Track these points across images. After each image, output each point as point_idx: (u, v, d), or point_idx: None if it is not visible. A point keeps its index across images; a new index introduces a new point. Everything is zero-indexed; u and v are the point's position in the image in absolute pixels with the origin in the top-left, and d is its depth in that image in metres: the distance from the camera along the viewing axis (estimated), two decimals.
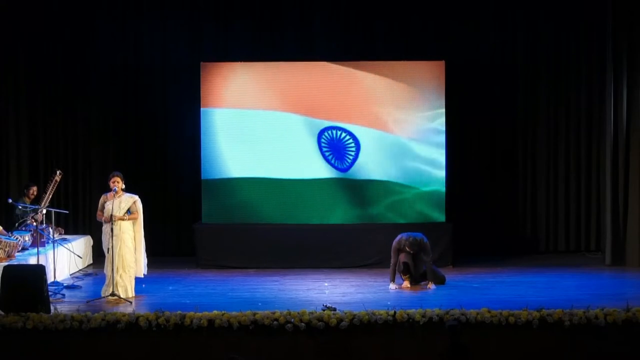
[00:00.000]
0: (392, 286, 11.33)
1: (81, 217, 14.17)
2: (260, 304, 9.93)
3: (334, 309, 9.39)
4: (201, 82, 13.22)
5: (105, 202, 10.78)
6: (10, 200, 12.53)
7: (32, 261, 11.09)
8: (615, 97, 12.99)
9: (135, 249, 10.85)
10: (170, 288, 11.53)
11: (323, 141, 13.22)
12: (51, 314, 9.37)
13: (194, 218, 13.64)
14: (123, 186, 10.81)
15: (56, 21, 13.93)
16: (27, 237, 11.95)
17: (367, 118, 13.20)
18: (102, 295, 10.69)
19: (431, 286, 11.31)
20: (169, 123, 14.04)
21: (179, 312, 9.14)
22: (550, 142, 14.17)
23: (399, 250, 11.38)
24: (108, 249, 10.66)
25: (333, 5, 13.92)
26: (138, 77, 14.08)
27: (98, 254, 12.56)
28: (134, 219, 10.80)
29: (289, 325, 9.00)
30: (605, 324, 9.01)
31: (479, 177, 14.14)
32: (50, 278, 10.96)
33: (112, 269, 10.60)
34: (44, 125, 14.10)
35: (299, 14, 13.95)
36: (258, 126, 13.23)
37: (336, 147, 13.24)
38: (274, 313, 9.13)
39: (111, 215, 10.60)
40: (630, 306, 9.20)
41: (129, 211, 10.76)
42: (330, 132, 13.22)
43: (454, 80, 13.43)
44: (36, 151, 14.11)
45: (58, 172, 12.07)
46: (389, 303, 10.15)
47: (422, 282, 11.46)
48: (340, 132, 13.22)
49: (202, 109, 13.24)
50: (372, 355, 9.06)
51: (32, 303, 9.44)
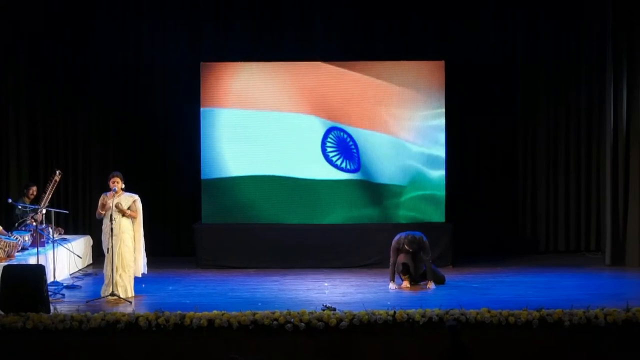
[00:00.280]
0: (392, 286, 11.33)
1: (81, 217, 14.17)
2: (260, 304, 9.93)
3: (334, 309, 9.39)
4: (201, 82, 13.22)
5: (105, 202, 10.78)
6: (10, 200, 12.53)
7: (32, 261, 11.09)
8: (615, 97, 12.99)
9: (134, 249, 10.86)
10: (170, 288, 11.53)
11: (324, 141, 13.22)
12: (51, 314, 9.36)
13: (194, 218, 13.64)
14: (123, 186, 10.81)
15: (56, 21, 13.93)
16: (27, 237, 11.95)
17: (367, 118, 13.19)
18: (102, 295, 10.68)
19: (431, 286, 11.31)
20: (169, 123, 14.03)
21: (179, 312, 9.14)
22: (550, 142, 14.17)
23: (398, 249, 11.37)
24: (108, 249, 10.66)
25: (333, 5, 13.92)
26: (138, 77, 14.09)
27: (98, 254, 12.56)
28: (134, 217, 10.81)
29: (289, 325, 9.00)
30: (605, 324, 9.00)
31: (479, 177, 14.15)
32: (50, 278, 10.96)
33: (112, 269, 10.61)
34: (44, 125, 14.10)
35: (299, 14, 13.95)
36: (258, 126, 13.23)
37: (336, 148, 13.23)
38: (274, 313, 9.13)
39: (111, 214, 10.61)
40: (630, 306, 9.19)
41: (129, 210, 10.76)
42: (331, 133, 13.22)
43: (454, 80, 13.43)
44: (36, 151, 14.11)
45: (58, 172, 12.06)
46: (389, 303, 10.15)
47: (422, 282, 11.46)
48: (340, 133, 13.22)
49: (202, 109, 13.24)
50: (372, 355, 9.05)
51: (32, 303, 9.44)
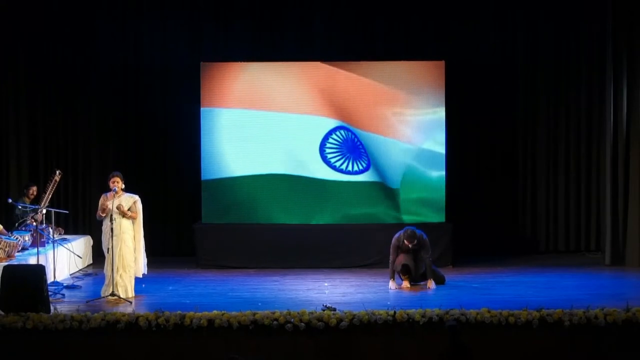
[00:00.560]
0: (392, 284, 11.32)
1: (81, 217, 14.17)
2: (260, 304, 9.93)
3: (334, 309, 9.39)
4: (201, 82, 13.22)
5: (105, 202, 10.78)
6: (10, 200, 12.53)
7: (32, 261, 11.09)
8: (615, 97, 12.99)
9: (135, 249, 10.86)
10: (170, 288, 11.52)
11: (323, 142, 13.22)
12: (51, 314, 9.36)
13: (194, 218, 13.63)
14: (123, 186, 10.80)
15: (56, 21, 13.93)
16: (27, 237, 11.95)
17: (367, 118, 13.19)
18: (102, 295, 10.68)
19: (431, 285, 11.30)
20: (169, 123, 14.02)
21: (179, 312, 9.14)
22: (550, 142, 14.17)
23: (398, 247, 11.38)
24: (108, 249, 10.66)
25: (333, 5, 13.92)
26: (138, 77, 14.08)
27: (98, 254, 12.55)
28: (134, 218, 10.81)
29: (289, 325, 9.00)
30: (605, 324, 9.00)
31: (479, 177, 14.15)
32: (50, 278, 10.96)
33: (112, 269, 10.60)
34: (44, 125, 14.10)
35: (299, 14, 13.95)
36: (258, 126, 13.23)
37: (336, 148, 13.23)
38: (274, 313, 9.13)
39: (111, 214, 10.61)
40: (630, 306, 9.20)
41: (129, 211, 10.77)
42: (331, 133, 13.21)
43: (454, 80, 13.43)
44: (36, 151, 14.11)
45: (58, 172, 12.07)
46: (389, 303, 10.16)
47: (422, 282, 11.46)
48: (340, 133, 13.22)
49: (202, 109, 13.24)
50: (372, 355, 9.05)
51: (32, 303, 9.44)
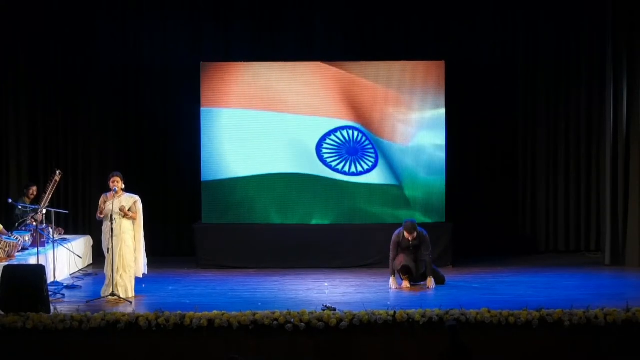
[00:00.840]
0: (392, 282, 11.31)
1: (81, 217, 14.16)
2: (260, 304, 9.93)
3: (334, 309, 9.39)
4: (201, 82, 13.22)
5: (105, 202, 10.78)
6: (10, 200, 12.53)
7: (32, 261, 11.09)
8: (615, 97, 12.99)
9: (135, 249, 10.86)
10: (170, 288, 11.53)
11: (323, 142, 13.22)
12: (51, 314, 9.36)
13: (194, 218, 13.63)
14: (123, 186, 10.80)
15: (56, 21, 13.93)
16: (27, 237, 11.95)
17: (367, 118, 13.19)
18: (102, 295, 10.68)
19: (431, 284, 11.30)
20: (169, 123, 14.02)
21: (179, 312, 9.14)
22: (550, 142, 14.16)
23: (399, 243, 11.39)
24: (108, 249, 10.65)
25: (333, 5, 13.91)
26: (138, 77, 14.08)
27: (98, 254, 12.55)
28: (134, 218, 10.80)
29: (289, 325, 9.00)
30: (605, 324, 9.00)
31: (479, 177, 14.15)
32: (50, 278, 10.96)
33: (112, 269, 10.60)
34: (44, 125, 14.09)
35: (299, 14, 13.94)
36: (258, 126, 13.22)
37: (336, 148, 13.23)
38: (274, 313, 9.13)
39: (111, 214, 10.61)
40: (630, 306, 9.20)
41: (125, 214, 10.75)
42: (330, 133, 13.21)
43: (454, 80, 13.42)
44: (36, 151, 14.11)
45: (58, 172, 12.07)
46: (389, 303, 10.16)
47: (422, 282, 11.46)
48: (340, 133, 13.22)
49: (202, 109, 13.24)
50: (372, 355, 9.06)
51: (32, 303, 9.44)
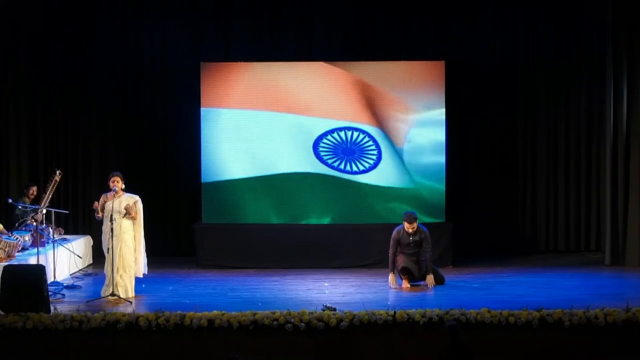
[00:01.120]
0: (391, 279, 11.30)
1: (81, 217, 14.17)
2: (260, 304, 9.93)
3: (334, 309, 9.39)
4: (201, 82, 13.22)
5: (105, 203, 10.78)
6: (10, 200, 12.54)
7: (32, 261, 11.09)
8: (615, 97, 12.99)
9: (135, 249, 10.86)
10: (170, 288, 11.53)
11: (322, 142, 13.22)
12: (51, 314, 9.36)
13: (194, 218, 13.63)
14: (123, 186, 10.79)
15: (56, 21, 13.93)
16: (27, 237, 11.95)
17: (367, 118, 13.19)
18: (102, 295, 10.68)
19: (431, 281, 11.28)
20: (169, 123, 14.02)
21: (179, 312, 9.14)
22: (550, 142, 14.16)
23: (398, 240, 11.40)
24: (108, 249, 10.65)
25: (333, 5, 13.91)
26: (138, 77, 14.08)
27: (98, 254, 12.55)
28: (134, 218, 10.80)
29: (289, 325, 9.00)
30: (605, 324, 9.00)
31: (479, 177, 14.14)
32: (50, 278, 10.96)
33: (112, 269, 10.60)
34: (44, 125, 14.09)
35: (299, 14, 13.94)
36: (258, 126, 13.23)
37: (336, 148, 13.23)
38: (274, 313, 9.13)
39: (111, 214, 10.61)
40: (630, 306, 9.20)
41: (127, 212, 10.74)
42: (330, 133, 13.21)
43: (454, 80, 13.43)
44: (36, 151, 14.11)
45: (58, 172, 12.06)
46: (389, 303, 10.16)
47: (422, 283, 11.45)
48: (340, 133, 13.22)
49: (202, 109, 13.24)
50: (372, 355, 9.06)
51: (32, 303, 9.44)
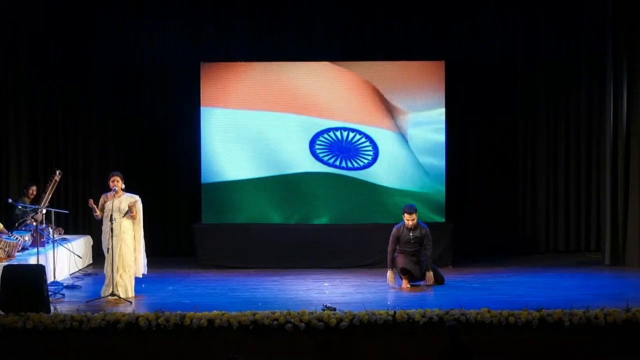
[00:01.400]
0: (390, 275, 11.29)
1: (81, 217, 14.16)
2: (260, 304, 9.93)
3: (334, 309, 9.39)
4: (201, 82, 13.21)
5: (105, 202, 10.78)
6: (10, 200, 12.54)
7: (32, 261, 11.09)
8: (615, 97, 12.99)
9: (135, 249, 10.86)
10: (170, 288, 11.53)
11: (322, 141, 13.22)
12: (51, 314, 9.36)
13: (194, 218, 13.63)
14: (123, 186, 10.79)
15: (56, 21, 13.93)
16: (27, 237, 11.95)
17: (367, 118, 13.18)
18: (102, 295, 10.68)
19: (430, 277, 11.26)
20: (169, 123, 14.02)
21: (179, 312, 9.14)
22: (550, 142, 14.16)
23: (398, 237, 11.40)
24: (108, 249, 10.66)
25: (333, 5, 13.91)
26: (138, 77, 14.08)
27: (98, 254, 12.55)
28: (134, 218, 10.80)
29: (289, 325, 9.00)
30: (605, 324, 9.00)
31: (479, 177, 14.14)
32: (50, 278, 10.96)
33: (112, 269, 10.60)
34: (44, 125, 14.10)
35: (299, 14, 13.94)
36: (258, 126, 13.23)
37: (336, 148, 13.23)
38: (274, 313, 9.13)
39: (111, 214, 10.62)
40: (630, 306, 9.20)
41: (129, 211, 10.76)
42: (329, 133, 13.21)
43: (454, 80, 13.42)
44: (36, 151, 14.11)
45: (58, 172, 12.06)
46: (389, 303, 10.16)
47: (422, 283, 11.45)
48: (340, 132, 13.22)
49: (202, 109, 13.24)
50: (372, 355, 9.06)
51: (32, 303, 9.44)
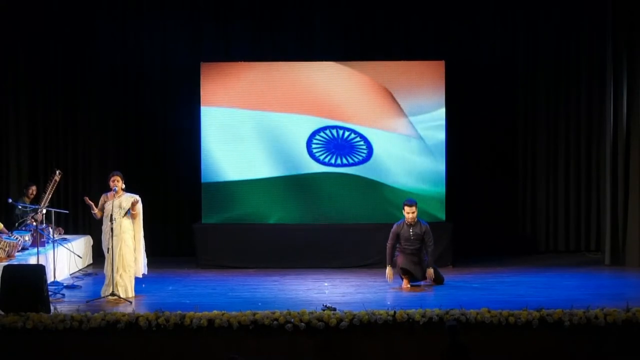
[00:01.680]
0: (389, 271, 11.28)
1: (81, 217, 14.16)
2: (260, 304, 9.93)
3: (334, 309, 9.39)
4: (201, 82, 13.22)
5: (105, 202, 10.78)
6: (10, 200, 12.54)
7: (32, 261, 11.09)
8: (615, 97, 12.99)
9: (135, 249, 10.86)
10: (170, 288, 11.53)
11: (321, 140, 13.22)
12: (51, 314, 9.36)
13: (194, 218, 13.63)
14: (123, 186, 10.79)
15: (56, 21, 13.93)
16: (27, 237, 11.95)
17: (368, 118, 13.19)
18: (102, 295, 10.68)
19: (430, 274, 11.24)
20: (169, 123, 14.02)
21: (179, 312, 9.14)
22: (550, 142, 14.16)
23: (398, 233, 11.41)
24: (108, 249, 10.66)
25: (333, 5, 13.91)
26: (138, 77, 14.08)
27: (98, 254, 12.56)
28: (134, 218, 10.80)
29: (289, 325, 9.00)
30: (605, 324, 9.00)
31: (479, 177, 14.13)
32: (50, 278, 10.96)
33: (112, 269, 10.61)
34: (44, 125, 14.10)
35: (299, 14, 13.94)
36: (258, 126, 13.23)
37: (336, 147, 13.23)
38: (274, 313, 9.13)
39: (111, 214, 10.62)
40: (630, 306, 9.20)
41: (129, 211, 10.76)
42: (329, 131, 13.21)
43: (454, 80, 13.43)
44: (36, 151, 14.11)
45: (58, 172, 12.06)
46: (389, 303, 10.16)
47: (422, 283, 11.45)
48: (340, 131, 13.22)
49: (202, 109, 13.24)
50: (372, 355, 9.06)
51: (32, 303, 9.44)
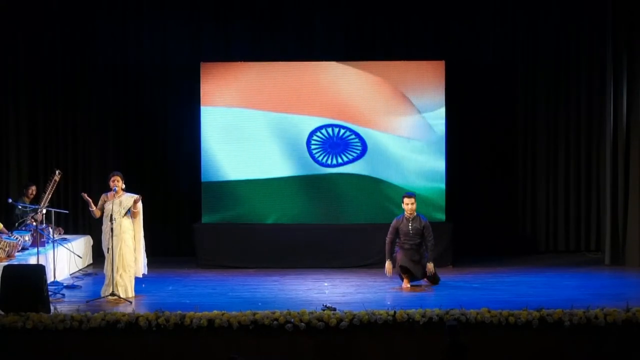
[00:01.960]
0: (388, 266, 11.28)
1: (81, 217, 14.15)
2: (260, 304, 9.93)
3: (334, 309, 9.39)
4: (201, 82, 13.22)
5: (105, 202, 10.78)
6: (10, 200, 12.54)
7: (32, 261, 11.09)
8: (615, 97, 12.99)
9: (135, 249, 10.86)
10: (170, 288, 11.53)
11: (320, 140, 13.21)
12: (51, 314, 9.37)
13: (194, 218, 13.63)
14: (123, 186, 10.80)
15: (56, 21, 13.93)
16: (27, 237, 11.95)
17: (367, 118, 13.19)
18: (102, 295, 10.68)
19: (431, 268, 11.22)
20: (169, 123, 14.03)
21: (179, 312, 9.14)
22: (550, 142, 14.16)
23: (397, 228, 11.41)
24: (108, 249, 10.66)
25: (333, 5, 13.91)
26: (138, 77, 14.08)
27: (98, 254, 12.56)
28: (134, 217, 10.80)
29: (289, 325, 9.01)
30: (605, 324, 9.01)
31: (479, 177, 14.13)
32: (50, 278, 10.97)
33: (112, 269, 10.61)
34: (44, 125, 14.09)
35: (299, 14, 13.93)
36: (258, 126, 13.23)
37: (336, 146, 13.23)
38: (274, 313, 9.13)
39: (111, 214, 10.62)
40: (630, 306, 9.20)
41: (129, 211, 10.76)
42: (329, 130, 13.21)
43: (454, 80, 13.42)
44: (36, 151, 14.11)
45: (58, 172, 12.06)
46: (389, 303, 10.16)
47: (422, 283, 11.45)
48: (340, 131, 13.21)
49: (202, 109, 13.24)
50: (372, 355, 9.06)
51: (32, 303, 9.44)
